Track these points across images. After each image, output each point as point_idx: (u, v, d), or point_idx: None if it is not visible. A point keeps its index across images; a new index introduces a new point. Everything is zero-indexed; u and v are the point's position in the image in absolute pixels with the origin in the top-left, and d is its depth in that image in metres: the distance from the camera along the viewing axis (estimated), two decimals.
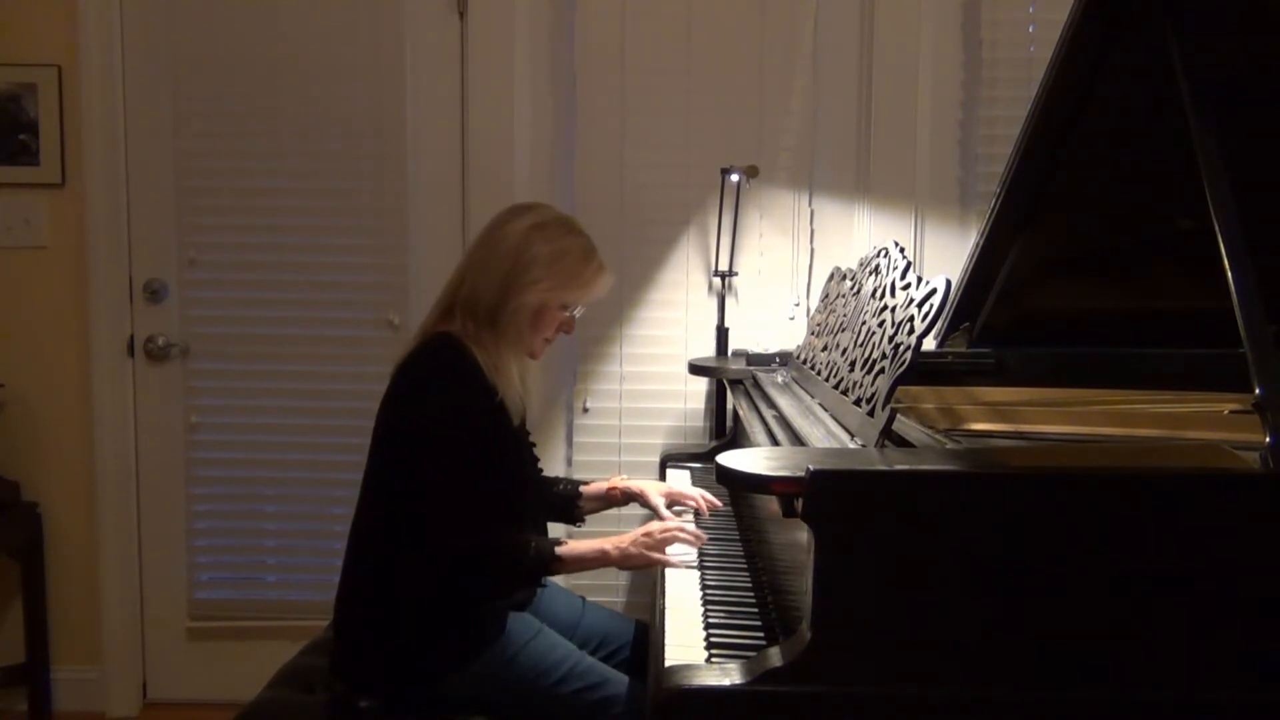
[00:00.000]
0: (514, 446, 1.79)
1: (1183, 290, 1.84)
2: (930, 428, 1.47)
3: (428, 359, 1.70)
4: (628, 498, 1.96)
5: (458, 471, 1.64)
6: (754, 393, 2.11)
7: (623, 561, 1.69)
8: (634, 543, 1.68)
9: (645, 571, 2.65)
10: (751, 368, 2.36)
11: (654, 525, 1.74)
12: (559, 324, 1.79)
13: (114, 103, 2.67)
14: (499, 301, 1.70)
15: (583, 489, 2.00)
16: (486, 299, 1.71)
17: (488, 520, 1.66)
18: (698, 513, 1.94)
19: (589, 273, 1.77)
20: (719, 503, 1.95)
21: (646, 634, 1.84)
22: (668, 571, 1.66)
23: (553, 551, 1.67)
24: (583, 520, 2.01)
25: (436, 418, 1.65)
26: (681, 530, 1.70)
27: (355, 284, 2.73)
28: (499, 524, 1.67)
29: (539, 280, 1.71)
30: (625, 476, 2.01)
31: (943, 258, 2.62)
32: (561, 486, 2.01)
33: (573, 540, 1.72)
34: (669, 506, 1.92)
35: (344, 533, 1.78)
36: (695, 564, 1.70)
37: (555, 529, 2.07)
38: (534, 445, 1.96)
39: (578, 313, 1.82)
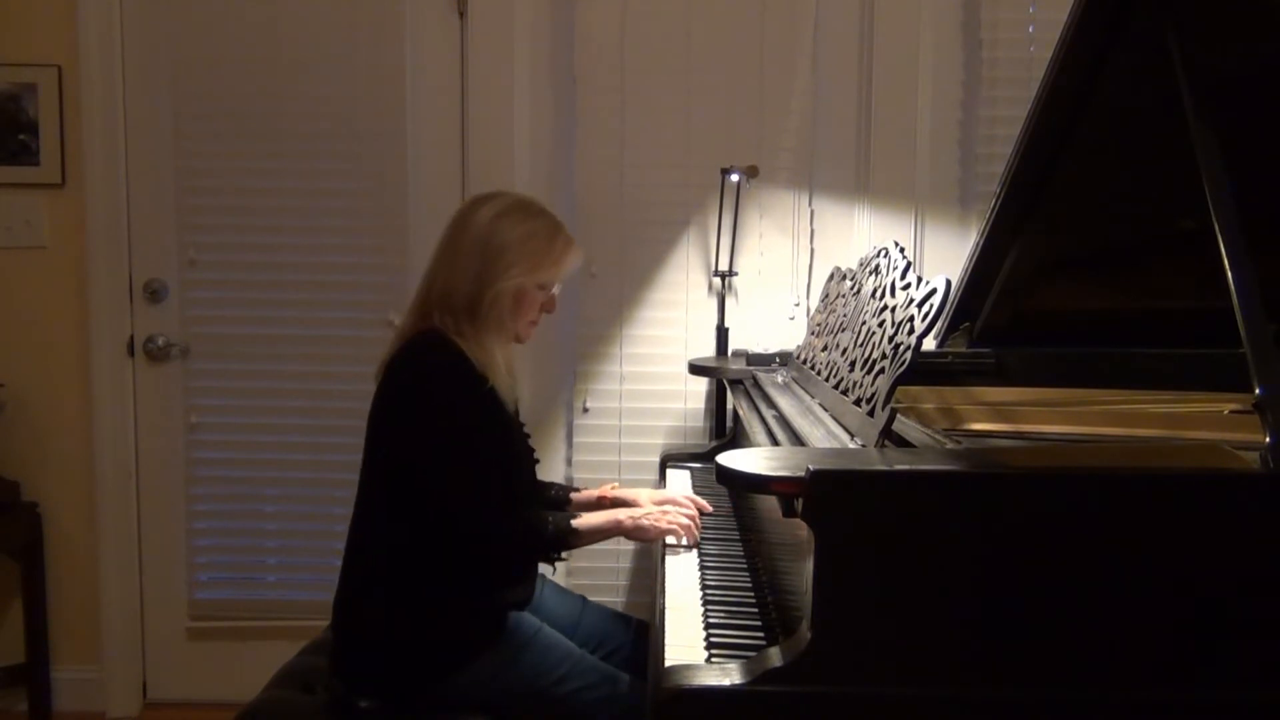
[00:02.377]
0: (509, 429, 1.79)
1: (1183, 290, 1.84)
2: (930, 428, 1.47)
3: (414, 356, 1.70)
4: (618, 506, 1.95)
5: (464, 459, 1.64)
6: (754, 393, 2.11)
7: (634, 531, 1.75)
8: (646, 515, 1.75)
9: (646, 570, 2.66)
10: (751, 368, 2.36)
11: (670, 507, 1.81)
12: (540, 305, 1.80)
13: (114, 103, 2.67)
14: (476, 294, 1.71)
15: (573, 495, 2.01)
16: (463, 293, 1.71)
17: (502, 501, 1.67)
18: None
19: (558, 250, 1.77)
20: (708, 506, 1.96)
21: (646, 633, 1.85)
22: (668, 570, 1.66)
23: (569, 525, 1.70)
24: None
25: (433, 410, 1.66)
26: (692, 524, 1.77)
27: (355, 284, 2.73)
28: (512, 504, 1.70)
29: (512, 265, 1.72)
30: (616, 485, 2.02)
31: (943, 258, 2.62)
32: (553, 492, 2.03)
33: (586, 514, 1.76)
34: None
35: (344, 533, 1.78)
36: (698, 542, 1.77)
37: None
38: (529, 435, 1.96)
39: (555, 290, 1.82)
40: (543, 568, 1.87)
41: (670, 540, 1.76)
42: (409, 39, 2.68)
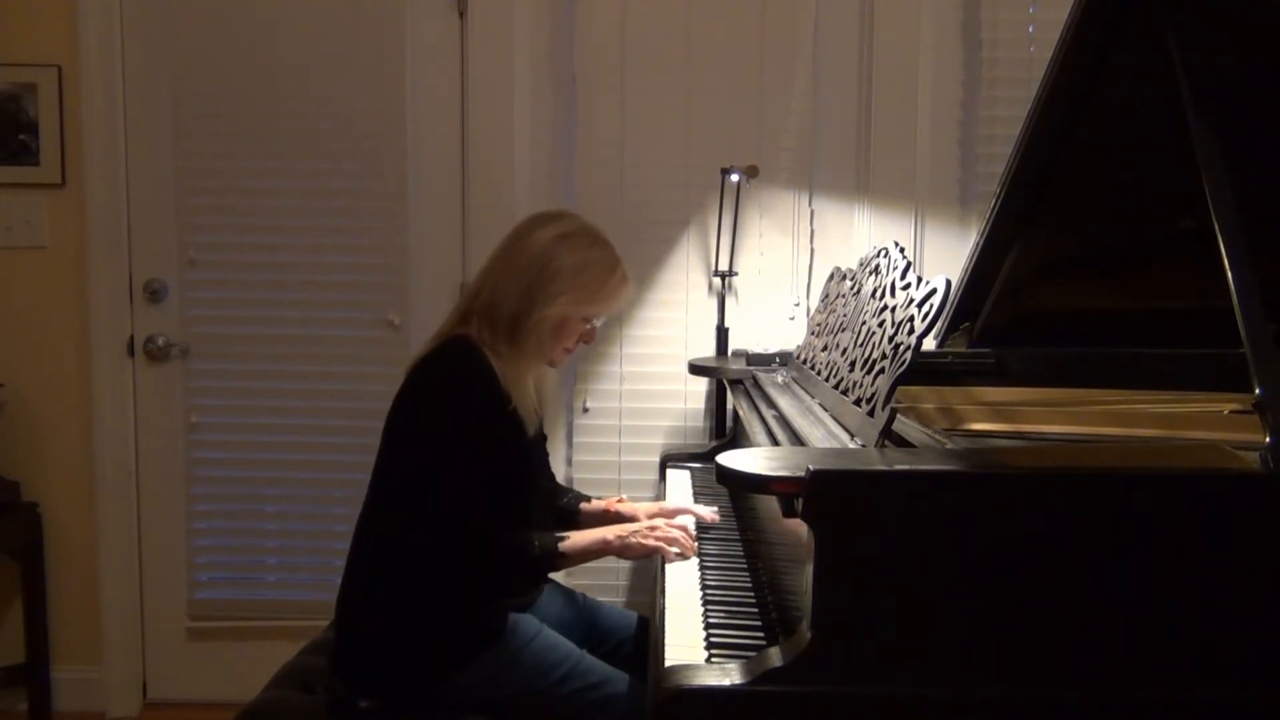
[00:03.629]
0: (523, 454, 1.78)
1: (1183, 290, 1.84)
2: (930, 428, 1.47)
3: (443, 361, 1.70)
4: (622, 520, 1.94)
5: (466, 471, 1.64)
6: (754, 393, 2.11)
7: (623, 550, 1.70)
8: (634, 533, 1.70)
9: (646, 570, 2.66)
10: (751, 368, 2.36)
11: (660, 522, 1.76)
12: (580, 335, 1.79)
13: (114, 103, 2.67)
14: (520, 313, 1.69)
15: (583, 506, 1.99)
16: (507, 309, 1.70)
17: (494, 520, 1.66)
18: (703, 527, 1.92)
19: (612, 285, 1.76)
20: (711, 518, 1.90)
21: (648, 630, 1.84)
22: (668, 571, 1.66)
23: (556, 546, 1.67)
24: None
25: (449, 417, 1.66)
26: (684, 536, 1.71)
27: (355, 284, 2.73)
28: (505, 524, 1.68)
29: (562, 293, 1.70)
30: (623, 498, 2.00)
31: (943, 258, 2.62)
32: (566, 500, 2.02)
33: (574, 534, 1.73)
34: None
35: (344, 533, 1.78)
36: (695, 555, 1.71)
37: None
38: (547, 454, 1.95)
39: (598, 323, 1.82)
40: None
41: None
42: (409, 39, 2.68)
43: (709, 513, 1.89)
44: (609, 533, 1.72)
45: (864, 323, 1.67)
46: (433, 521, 1.65)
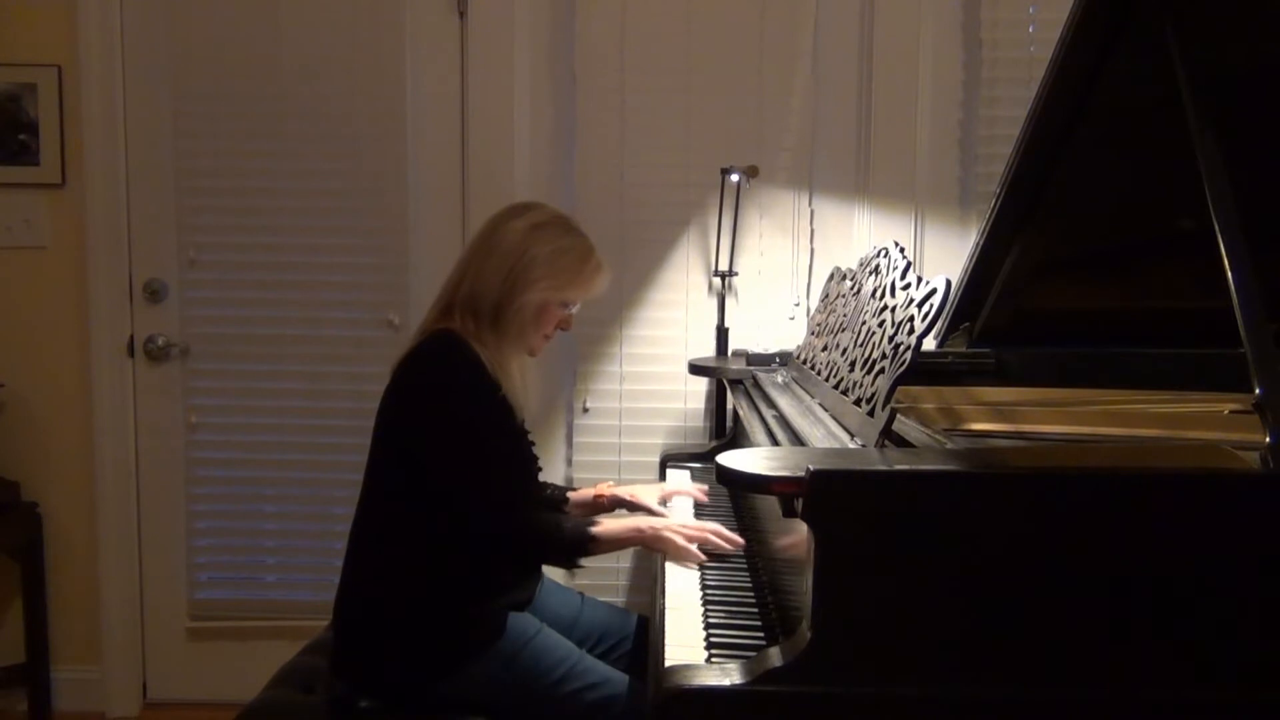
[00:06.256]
0: (519, 438, 1.81)
1: (1182, 290, 1.84)
2: (930, 428, 1.47)
3: (430, 354, 1.70)
4: (615, 504, 1.95)
5: (477, 460, 1.64)
6: (754, 393, 2.11)
7: (655, 542, 1.70)
8: (669, 528, 1.70)
9: (646, 570, 2.66)
10: (751, 368, 2.36)
11: (694, 522, 1.76)
12: (558, 321, 1.80)
13: (114, 103, 2.67)
14: (501, 301, 1.72)
15: (570, 495, 2.00)
16: (488, 298, 1.72)
17: (516, 502, 1.67)
18: (698, 505, 1.98)
19: (588, 271, 1.79)
20: (703, 497, 1.97)
21: (647, 628, 1.84)
22: (668, 570, 1.66)
23: (588, 531, 1.68)
24: None
25: (446, 412, 1.66)
26: (720, 534, 1.70)
27: (355, 284, 2.73)
28: (525, 506, 1.69)
29: (540, 279, 1.73)
30: (612, 483, 2.00)
31: (943, 258, 2.62)
32: (549, 492, 2.02)
33: (605, 520, 1.74)
34: (663, 504, 1.94)
35: (344, 533, 1.78)
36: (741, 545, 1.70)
37: None
38: (534, 444, 1.96)
39: (574, 309, 1.83)
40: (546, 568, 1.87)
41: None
42: (409, 39, 2.68)
43: (697, 490, 1.96)
44: (642, 522, 1.73)
45: (864, 323, 1.67)
46: (430, 519, 1.65)
